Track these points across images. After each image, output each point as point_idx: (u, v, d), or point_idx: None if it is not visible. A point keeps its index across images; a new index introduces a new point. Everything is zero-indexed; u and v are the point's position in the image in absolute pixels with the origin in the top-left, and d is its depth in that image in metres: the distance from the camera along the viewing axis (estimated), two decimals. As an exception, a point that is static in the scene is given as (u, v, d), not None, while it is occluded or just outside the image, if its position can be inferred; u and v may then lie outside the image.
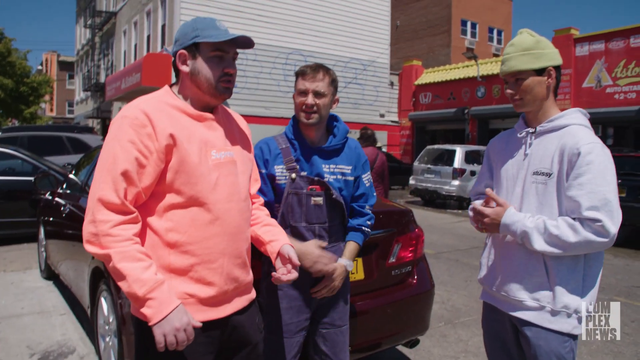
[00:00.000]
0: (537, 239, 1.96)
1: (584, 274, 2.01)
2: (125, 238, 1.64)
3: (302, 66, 2.45)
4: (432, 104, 25.23)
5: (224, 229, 1.82)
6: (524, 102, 2.10)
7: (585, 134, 2.00)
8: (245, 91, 21.26)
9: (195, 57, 1.82)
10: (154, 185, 1.73)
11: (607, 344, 4.57)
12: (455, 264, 7.76)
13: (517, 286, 2.07)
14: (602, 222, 1.87)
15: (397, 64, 30.06)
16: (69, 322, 4.85)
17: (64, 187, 5.68)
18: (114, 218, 1.64)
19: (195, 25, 1.83)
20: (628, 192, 9.50)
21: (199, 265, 1.78)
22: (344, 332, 2.53)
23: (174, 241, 1.74)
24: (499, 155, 2.27)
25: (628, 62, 17.55)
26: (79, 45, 39.18)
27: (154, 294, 1.62)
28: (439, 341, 4.58)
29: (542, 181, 2.03)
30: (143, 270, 1.63)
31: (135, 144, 1.68)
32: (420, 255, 3.53)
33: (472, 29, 35.87)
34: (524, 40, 2.09)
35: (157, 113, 1.73)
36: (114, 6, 29.66)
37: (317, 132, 2.46)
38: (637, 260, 8.46)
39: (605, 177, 1.91)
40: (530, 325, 2.05)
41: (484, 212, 2.11)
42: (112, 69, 29.10)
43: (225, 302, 1.87)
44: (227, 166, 1.86)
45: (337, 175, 2.46)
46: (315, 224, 2.42)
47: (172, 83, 1.95)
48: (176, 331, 1.63)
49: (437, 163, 15.40)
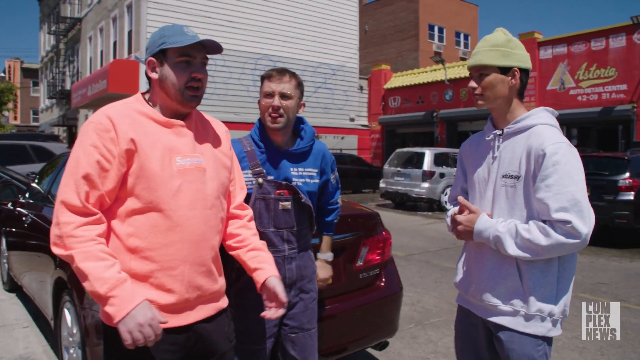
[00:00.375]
0: (509, 244, 1.94)
1: (558, 276, 2.00)
2: (88, 238, 1.66)
3: (268, 69, 2.43)
4: (401, 107, 25.46)
5: (185, 237, 1.80)
6: (484, 98, 2.07)
7: (551, 133, 1.98)
8: (214, 97, 21.13)
9: (162, 63, 1.84)
10: (117, 190, 1.75)
11: (572, 340, 4.66)
12: (426, 265, 7.82)
13: (491, 291, 2.05)
14: (572, 223, 1.84)
15: (366, 69, 30.28)
16: (33, 334, 4.73)
17: (27, 197, 5.55)
18: (77, 220, 1.67)
19: (163, 32, 1.85)
20: (592, 192, 9.72)
21: (159, 272, 1.77)
22: (312, 335, 2.51)
23: (134, 246, 1.75)
24: (471, 158, 2.26)
25: (589, 64, 18.01)
26: (43, 51, 38.42)
27: (115, 291, 1.63)
28: (409, 342, 4.60)
29: (511, 184, 2.01)
30: (105, 269, 1.64)
31: (97, 147, 1.71)
32: (388, 258, 3.54)
33: (439, 33, 36.38)
34: (496, 37, 2.08)
35: (121, 118, 1.76)
36: (79, 12, 29.18)
37: (284, 135, 2.42)
38: (602, 257, 8.66)
39: (572, 177, 1.89)
40: (504, 329, 2.04)
41: (457, 219, 2.11)
42: (77, 75, 28.62)
43: (187, 310, 1.85)
44: (193, 173, 1.84)
45: (306, 179, 2.43)
46: (283, 229, 2.38)
47: (144, 91, 1.96)
48: (140, 327, 1.62)
49: (407, 166, 15.52)
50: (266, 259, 2.07)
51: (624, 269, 7.78)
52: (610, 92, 17.59)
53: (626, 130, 17.67)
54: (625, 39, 17.24)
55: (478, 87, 2.08)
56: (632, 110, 16.88)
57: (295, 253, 2.42)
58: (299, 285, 2.45)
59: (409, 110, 24.84)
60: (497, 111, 2.12)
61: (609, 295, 6.29)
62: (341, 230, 3.11)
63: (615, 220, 9.47)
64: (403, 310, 5.18)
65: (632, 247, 9.66)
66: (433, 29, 35.91)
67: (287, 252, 2.39)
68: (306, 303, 2.49)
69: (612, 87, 17.55)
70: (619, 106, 17.18)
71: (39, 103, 41.59)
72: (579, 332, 4.85)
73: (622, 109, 17.03)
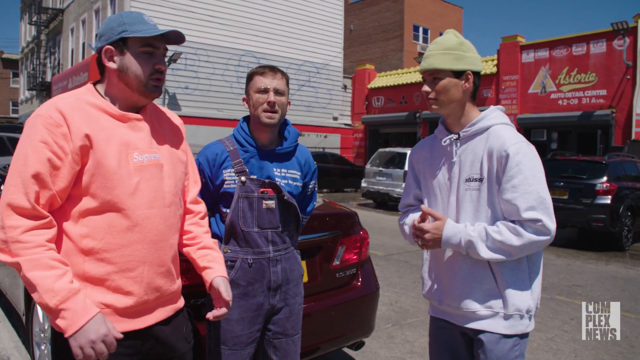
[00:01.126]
0: (481, 247, 1.92)
1: (529, 272, 2.01)
2: (36, 244, 1.53)
3: (258, 66, 2.38)
4: (384, 107, 25.52)
5: (144, 236, 1.72)
6: (438, 102, 2.05)
7: (510, 133, 1.98)
8: (197, 92, 21.01)
9: (122, 52, 1.72)
10: (69, 189, 1.63)
11: (547, 342, 4.70)
12: (405, 265, 7.84)
13: (468, 297, 2.02)
14: (542, 221, 1.86)
15: (351, 68, 30.30)
16: (4, 330, 4.64)
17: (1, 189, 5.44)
18: (24, 223, 1.53)
19: (122, 19, 1.72)
20: (570, 194, 9.85)
21: (116, 274, 1.67)
22: (295, 341, 2.45)
23: (89, 248, 1.64)
24: (425, 164, 2.21)
25: (570, 69, 18.23)
26: (24, 42, 37.81)
27: (67, 304, 1.52)
28: (385, 342, 4.60)
29: (475, 187, 1.99)
30: (55, 279, 1.52)
31: (48, 144, 1.57)
32: (365, 258, 3.53)
33: (424, 34, 36.51)
34: (447, 40, 2.04)
35: (73, 112, 1.63)
36: (61, 3, 28.78)
37: (271, 134, 2.37)
38: (578, 260, 8.77)
39: (535, 176, 1.90)
40: (484, 332, 2.01)
41: (423, 227, 2.02)
42: (59, 67, 28.23)
43: (146, 313, 1.77)
44: (151, 170, 1.75)
45: (289, 180, 2.38)
46: (267, 229, 2.30)
47: (95, 81, 1.83)
48: (92, 343, 1.54)
49: (389, 166, 15.58)
50: (216, 258, 2.01)
51: (599, 272, 7.89)
52: (590, 97, 17.82)
53: (605, 135, 17.92)
54: (606, 45, 17.47)
55: (432, 91, 2.05)
56: (611, 115, 17.12)
57: (281, 255, 2.34)
58: (284, 289, 2.37)
59: (392, 110, 24.91)
60: (451, 115, 2.09)
61: (584, 297, 6.37)
62: (318, 229, 3.10)
63: (592, 223, 9.60)
64: (381, 309, 5.19)
65: (608, 250, 9.80)
66: (418, 29, 36.04)
67: (271, 254, 2.31)
68: (292, 308, 2.41)
69: (592, 92, 17.78)
70: (599, 111, 17.42)
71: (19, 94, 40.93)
72: (553, 333, 4.92)
73: (602, 114, 17.26)
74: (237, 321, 2.27)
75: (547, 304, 5.94)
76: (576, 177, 10.13)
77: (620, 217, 9.67)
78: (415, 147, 2.33)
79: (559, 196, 9.86)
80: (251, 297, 2.29)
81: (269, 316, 2.38)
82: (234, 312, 2.24)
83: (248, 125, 2.41)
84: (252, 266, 2.28)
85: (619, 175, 10.15)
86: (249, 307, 2.29)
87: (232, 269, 2.27)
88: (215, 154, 2.32)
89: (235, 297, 2.22)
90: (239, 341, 2.28)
